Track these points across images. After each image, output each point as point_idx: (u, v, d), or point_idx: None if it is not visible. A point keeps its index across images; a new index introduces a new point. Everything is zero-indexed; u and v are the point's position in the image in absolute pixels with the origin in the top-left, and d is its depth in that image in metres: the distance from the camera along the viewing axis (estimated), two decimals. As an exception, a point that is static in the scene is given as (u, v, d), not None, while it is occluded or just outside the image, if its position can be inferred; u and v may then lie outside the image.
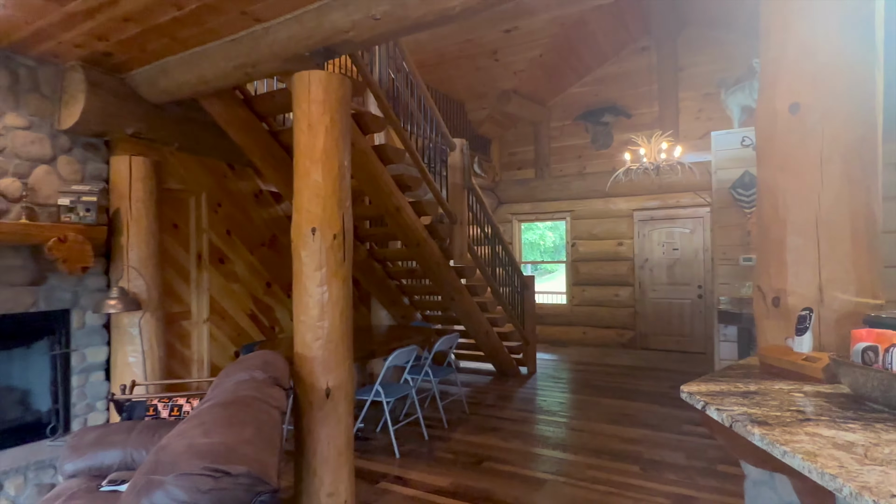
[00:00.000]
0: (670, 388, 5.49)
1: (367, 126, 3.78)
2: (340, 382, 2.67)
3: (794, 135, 1.67)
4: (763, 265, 1.78)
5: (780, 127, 1.70)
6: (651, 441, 3.96)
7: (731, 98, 4.99)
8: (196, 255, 4.06)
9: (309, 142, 2.63)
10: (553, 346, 8.21)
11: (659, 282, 7.74)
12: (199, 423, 1.33)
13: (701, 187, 6.98)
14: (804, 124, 1.65)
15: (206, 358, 4.07)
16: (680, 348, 7.54)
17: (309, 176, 2.62)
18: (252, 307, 4.48)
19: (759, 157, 1.81)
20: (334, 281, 2.65)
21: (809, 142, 1.64)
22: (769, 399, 1.25)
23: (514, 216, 8.87)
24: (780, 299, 1.71)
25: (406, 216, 4.27)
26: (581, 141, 8.38)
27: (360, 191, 4.41)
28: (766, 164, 1.76)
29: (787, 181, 1.69)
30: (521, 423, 4.42)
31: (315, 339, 2.62)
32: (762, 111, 1.78)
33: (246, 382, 1.92)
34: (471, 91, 8.02)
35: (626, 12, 7.15)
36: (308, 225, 2.62)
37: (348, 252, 2.76)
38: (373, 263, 5.36)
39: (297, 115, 2.68)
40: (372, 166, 3.93)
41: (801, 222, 1.66)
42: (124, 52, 3.12)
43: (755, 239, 1.79)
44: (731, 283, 4.64)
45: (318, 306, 2.62)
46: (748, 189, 4.54)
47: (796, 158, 1.67)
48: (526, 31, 6.94)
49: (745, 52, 7.05)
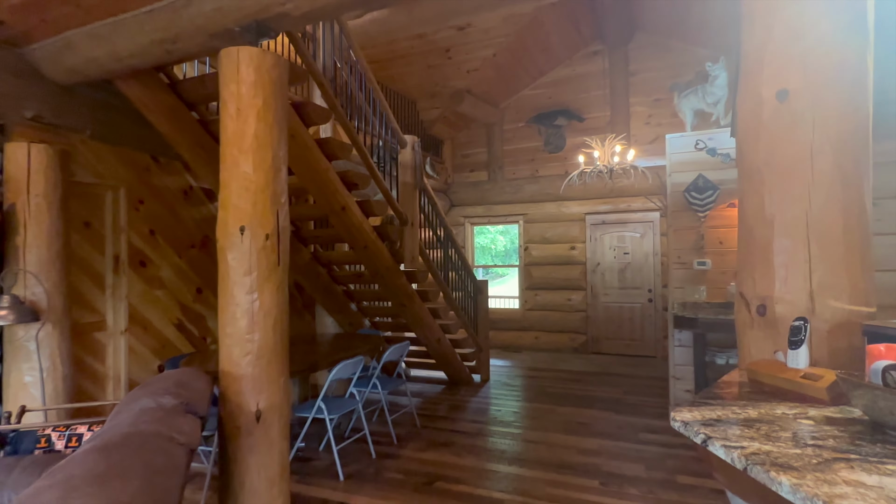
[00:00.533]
0: (624, 394, 5.41)
1: (310, 117, 3.45)
2: (274, 403, 2.34)
3: (782, 125, 1.51)
4: (746, 270, 1.61)
5: (767, 116, 1.54)
6: (609, 452, 3.81)
7: (683, 102, 4.97)
8: (113, 258, 3.60)
9: (238, 128, 2.30)
10: (506, 351, 8.05)
11: (610, 286, 7.74)
12: (62, 481, 1.00)
13: (652, 192, 7.02)
14: (793, 112, 1.49)
15: (123, 374, 3.60)
16: (631, 352, 7.55)
17: (237, 167, 2.29)
18: (179, 316, 4.03)
19: (740, 150, 1.64)
20: (267, 287, 2.32)
21: (799, 132, 1.48)
22: (777, 429, 1.05)
23: (466, 219, 8.68)
24: (766, 307, 1.54)
25: (353, 216, 3.96)
26: (534, 144, 8.30)
27: (302, 188, 4.06)
28: (750, 157, 1.59)
29: (774, 176, 1.52)
30: (475, 437, 4.18)
31: (244, 355, 2.28)
32: (745, 100, 1.61)
33: (149, 412, 1.58)
34: (423, 89, 7.78)
35: (580, 16, 7.12)
36: (236, 223, 2.28)
37: (284, 254, 2.43)
38: (317, 267, 5.00)
39: (224, 98, 2.34)
40: (315, 161, 3.60)
41: (789, 222, 1.49)
42: (20, 21, 2.68)
43: (740, 241, 1.62)
44: (686, 287, 4.59)
45: (248, 317, 2.28)
46: (702, 192, 4.51)
47: (784, 151, 1.51)
48: (479, 28, 6.77)
49: (694, 59, 7.16)
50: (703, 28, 6.68)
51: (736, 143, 1.67)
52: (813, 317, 1.45)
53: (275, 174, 2.36)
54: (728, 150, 4.47)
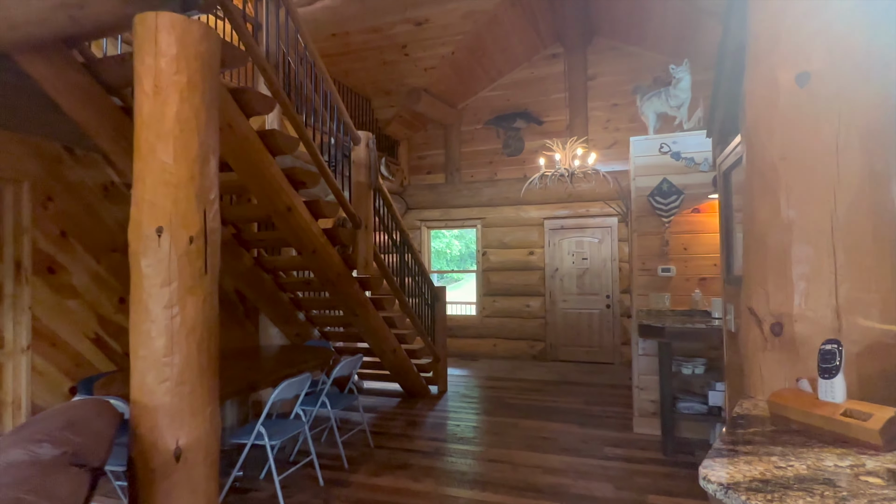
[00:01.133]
0: (586, 404, 5.25)
1: (251, 106, 3.07)
2: (198, 438, 1.96)
3: (803, 113, 1.30)
4: (756, 282, 1.39)
5: (784, 103, 1.32)
6: (575, 470, 3.60)
7: (646, 104, 4.87)
8: (14, 263, 3.09)
9: (155, 109, 1.92)
10: (463, 359, 7.79)
11: (569, 292, 7.62)
12: None
13: (611, 197, 6.94)
14: (815, 99, 1.28)
15: (25, 399, 3.09)
16: (589, 359, 7.45)
17: (154, 156, 1.91)
18: (97, 329, 3.54)
19: (750, 144, 1.42)
20: (190, 300, 1.94)
21: (822, 122, 1.27)
22: (845, 494, 0.81)
23: (422, 223, 8.38)
24: (782, 326, 1.32)
25: (300, 218, 3.59)
26: (492, 146, 8.11)
27: (242, 186, 3.65)
28: (763, 152, 1.37)
29: (793, 173, 1.30)
30: (433, 457, 3.88)
31: (160, 381, 1.89)
32: (756, 85, 1.39)
33: (16, 468, 1.20)
34: (378, 87, 7.45)
35: (539, 16, 6.98)
36: (152, 223, 1.90)
37: (213, 261, 2.06)
38: (261, 274, 4.57)
39: (139, 73, 1.96)
40: (256, 155, 3.21)
41: (811, 226, 1.28)
42: None
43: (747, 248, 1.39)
44: (649, 293, 4.46)
45: (166, 335, 1.89)
46: (666, 197, 4.40)
47: (805, 144, 1.29)
48: (438, 24, 6.51)
49: (652, 65, 7.17)
50: (661, 34, 6.67)
51: (743, 136, 1.45)
52: (839, 337, 1.24)
53: (202, 166, 1.99)
54: (692, 154, 4.39)
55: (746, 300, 1.43)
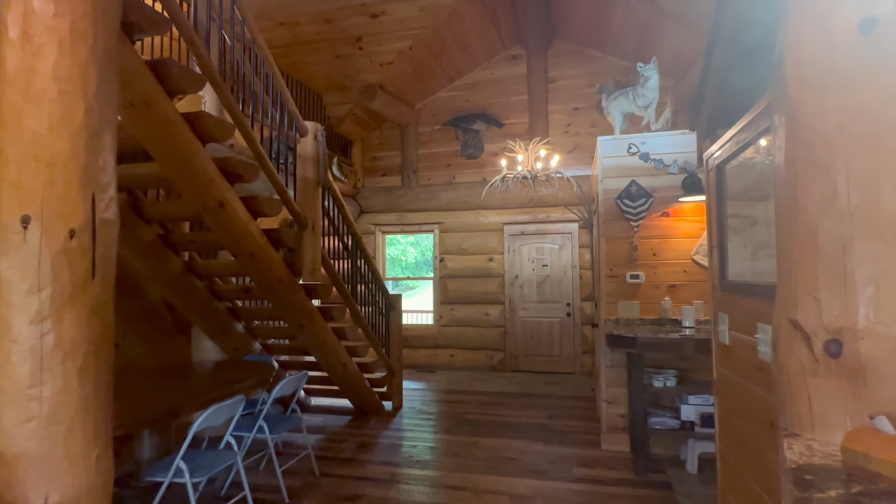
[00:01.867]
0: (549, 419, 4.96)
1: (174, 81, 2.60)
2: (77, 494, 1.50)
3: (868, 70, 1.01)
4: (803, 287, 1.09)
5: (842, 58, 1.03)
6: (543, 495, 3.27)
7: (613, 104, 4.67)
8: None
9: (24, 63, 1.46)
10: (419, 371, 7.39)
11: (529, 300, 7.37)
12: None
13: (572, 202, 6.75)
14: (884, 53, 1.00)
15: None
16: (550, 369, 7.21)
17: (21, 123, 1.45)
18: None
19: (792, 111, 1.13)
20: (70, 312, 1.49)
21: (893, 81, 0.98)
22: None
23: (377, 227, 7.96)
24: (842, 344, 1.02)
25: (234, 216, 3.13)
26: (451, 148, 7.80)
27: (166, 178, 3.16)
28: (813, 121, 1.07)
29: (856, 148, 1.02)
30: (387, 486, 3.47)
31: (24, 421, 1.43)
32: (802, 37, 1.10)
33: None
34: (330, 81, 7.00)
35: (500, 16, 6.75)
36: (15, 210, 1.44)
37: (105, 263, 1.61)
38: (193, 280, 4.05)
39: (1, 13, 1.50)
40: (182, 142, 2.74)
41: (879, 216, 0.99)
42: None
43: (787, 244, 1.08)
44: (617, 301, 4.23)
45: (32, 359, 1.43)
46: (635, 200, 4.19)
47: (872, 109, 1.01)
48: (395, 17, 6.16)
49: (612, 69, 7.05)
50: (621, 38, 6.56)
51: (778, 104, 1.15)
52: (919, 360, 0.95)
53: (89, 140, 1.55)
54: (661, 156, 4.20)
55: (786, 311, 1.13)
